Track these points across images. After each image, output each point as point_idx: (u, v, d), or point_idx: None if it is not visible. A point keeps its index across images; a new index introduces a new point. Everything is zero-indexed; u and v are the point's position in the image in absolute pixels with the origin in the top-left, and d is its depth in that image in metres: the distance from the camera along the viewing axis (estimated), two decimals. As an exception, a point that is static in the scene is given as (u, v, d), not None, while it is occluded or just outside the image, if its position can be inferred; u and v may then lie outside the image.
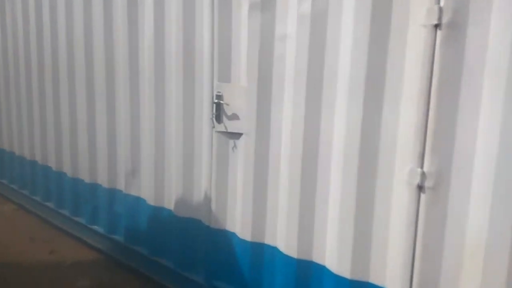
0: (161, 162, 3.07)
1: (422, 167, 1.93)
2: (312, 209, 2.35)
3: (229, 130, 2.64)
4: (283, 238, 2.47)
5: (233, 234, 2.72)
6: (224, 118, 2.64)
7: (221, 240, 2.77)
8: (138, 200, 3.28)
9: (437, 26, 1.83)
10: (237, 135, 2.63)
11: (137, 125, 3.21)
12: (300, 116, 2.31)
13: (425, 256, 1.96)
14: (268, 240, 2.57)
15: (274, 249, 2.53)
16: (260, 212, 2.57)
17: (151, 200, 3.17)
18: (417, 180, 1.94)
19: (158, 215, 3.14)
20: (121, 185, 3.40)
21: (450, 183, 1.89)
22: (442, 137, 1.88)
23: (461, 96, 1.83)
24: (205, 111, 2.75)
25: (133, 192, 3.30)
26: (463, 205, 1.87)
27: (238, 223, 2.68)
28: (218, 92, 2.64)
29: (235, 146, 2.65)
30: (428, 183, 1.92)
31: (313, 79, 2.25)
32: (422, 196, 1.95)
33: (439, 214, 1.92)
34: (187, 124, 2.86)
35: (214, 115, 2.66)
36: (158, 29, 2.93)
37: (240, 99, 2.57)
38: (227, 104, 2.61)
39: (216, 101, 2.64)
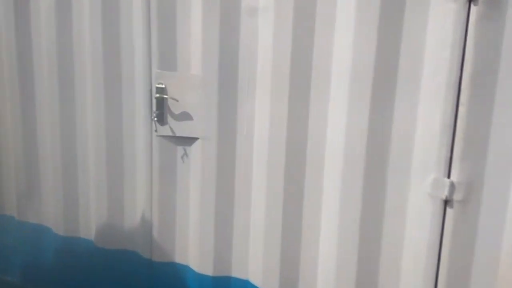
0: (73, 178, 2.29)
1: (449, 176, 1.57)
2: (299, 231, 1.85)
3: (177, 134, 1.99)
4: (258, 270, 1.95)
5: (187, 267, 2.11)
6: (170, 118, 1.99)
7: (169, 276, 2.13)
8: (40, 229, 2.44)
9: (471, 0, 1.45)
10: (188, 140, 1.99)
11: (32, 126, 2.35)
12: (281, 111, 1.78)
13: (450, 284, 1.62)
14: (236, 273, 2.02)
15: (246, 283, 2.00)
16: (225, 238, 2.00)
17: (59, 229, 2.38)
18: (444, 192, 1.57)
19: (72, 247, 2.36)
20: (11, 209, 2.51)
21: (483, 195, 1.56)
22: (474, 140, 1.53)
23: (499, 88, 1.49)
24: (139, 109, 2.06)
25: (32, 219, 2.45)
26: (498, 221, 1.55)
27: (193, 253, 2.08)
28: (160, 83, 1.96)
29: (185, 154, 2.02)
30: (457, 196, 1.57)
31: (299, 65, 1.73)
32: (449, 211, 1.59)
33: (469, 232, 1.59)
34: (112, 127, 2.13)
35: (155, 115, 1.98)
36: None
37: (192, 92, 1.93)
38: (175, 100, 1.95)
39: (157, 95, 1.96)
